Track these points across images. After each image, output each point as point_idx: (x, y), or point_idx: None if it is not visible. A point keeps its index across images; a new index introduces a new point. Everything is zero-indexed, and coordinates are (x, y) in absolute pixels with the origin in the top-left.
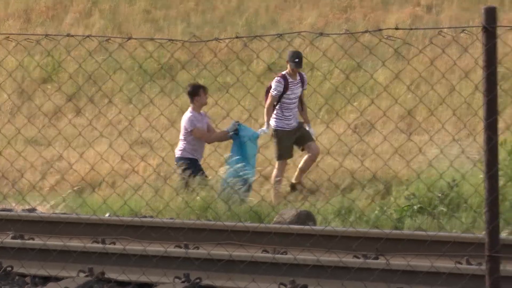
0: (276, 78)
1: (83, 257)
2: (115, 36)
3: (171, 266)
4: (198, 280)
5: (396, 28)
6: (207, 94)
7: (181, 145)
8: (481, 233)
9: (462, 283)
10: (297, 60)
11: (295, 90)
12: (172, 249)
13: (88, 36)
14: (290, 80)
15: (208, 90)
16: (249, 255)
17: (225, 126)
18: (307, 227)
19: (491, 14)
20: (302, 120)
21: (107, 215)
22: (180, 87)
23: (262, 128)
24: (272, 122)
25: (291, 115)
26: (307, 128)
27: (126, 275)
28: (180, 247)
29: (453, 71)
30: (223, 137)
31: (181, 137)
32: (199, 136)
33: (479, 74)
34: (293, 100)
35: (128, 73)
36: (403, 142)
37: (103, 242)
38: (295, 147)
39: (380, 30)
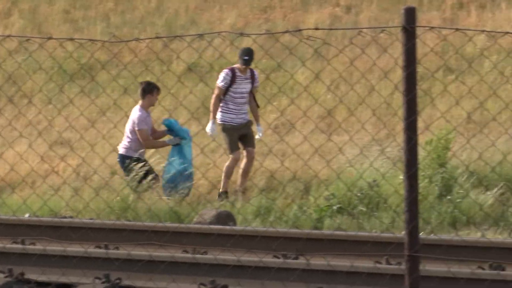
0: (224, 69)
1: (3, 257)
2: (35, 36)
3: (91, 266)
4: (118, 281)
5: (316, 29)
6: (158, 96)
7: (126, 142)
8: (400, 233)
9: (381, 282)
10: (246, 57)
11: (243, 85)
12: (92, 250)
13: (8, 36)
14: (238, 74)
15: (160, 92)
16: (169, 255)
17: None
18: (227, 227)
19: (410, 15)
20: (251, 119)
21: (26, 215)
22: (100, 87)
23: (208, 128)
24: (218, 115)
25: (236, 110)
26: (256, 126)
27: (46, 275)
28: (100, 247)
29: (372, 71)
30: (161, 146)
31: (128, 133)
32: (142, 138)
33: (398, 74)
34: (240, 95)
35: (48, 73)
36: (323, 142)
37: (23, 242)
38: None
39: (300, 30)
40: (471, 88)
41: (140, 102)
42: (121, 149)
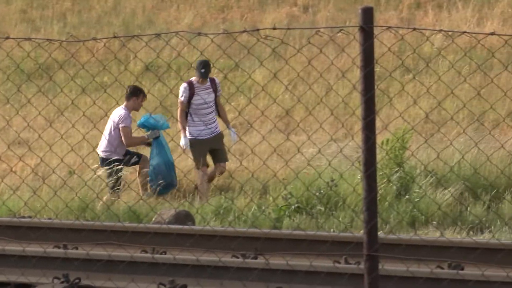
0: (182, 84)
1: None
2: None
3: (50, 266)
4: (77, 281)
5: (274, 28)
6: (143, 102)
7: (106, 145)
8: (359, 232)
9: (341, 282)
10: (202, 70)
11: (204, 96)
12: (51, 250)
13: None
14: (196, 85)
15: (146, 99)
16: (128, 255)
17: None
18: (186, 227)
19: (368, 14)
20: (221, 130)
21: None
22: (57, 87)
23: (182, 142)
24: (187, 129)
25: (201, 122)
26: (229, 130)
27: (5, 275)
28: (59, 247)
29: (330, 71)
30: (142, 142)
31: (107, 135)
32: (124, 135)
33: (356, 74)
34: (202, 106)
35: (5, 73)
36: (282, 141)
37: None
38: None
39: (257, 30)
40: (429, 87)
41: (124, 103)
42: (101, 153)
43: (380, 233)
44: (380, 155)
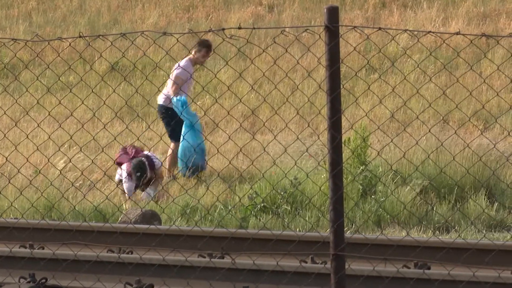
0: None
1: None
2: None
3: (16, 266)
4: (43, 280)
5: (239, 28)
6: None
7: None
8: (325, 232)
9: (307, 281)
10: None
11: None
12: (17, 249)
13: None
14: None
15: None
16: (94, 254)
17: None
18: (152, 226)
19: (333, 14)
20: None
21: None
22: (23, 87)
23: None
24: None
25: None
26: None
27: None
28: (25, 247)
29: (295, 70)
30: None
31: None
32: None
33: (321, 73)
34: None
35: None
36: (247, 141)
37: None
38: None
39: (223, 29)
40: (394, 87)
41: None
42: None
43: (347, 233)
44: (345, 154)
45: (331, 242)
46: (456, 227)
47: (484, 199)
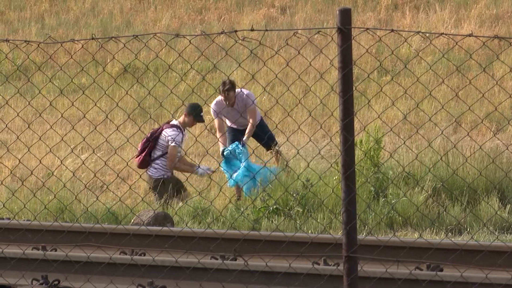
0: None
1: None
2: None
3: (29, 268)
4: (56, 282)
5: (252, 30)
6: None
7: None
8: (337, 234)
9: (320, 283)
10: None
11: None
12: (30, 251)
13: None
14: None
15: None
16: (107, 256)
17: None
18: (165, 228)
19: (346, 16)
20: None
21: None
22: (35, 89)
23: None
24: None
25: None
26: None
27: None
28: (37, 249)
29: (308, 72)
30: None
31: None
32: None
33: (334, 75)
34: None
35: None
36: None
37: None
38: None
39: (235, 31)
40: (406, 89)
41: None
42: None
43: (359, 235)
44: (358, 155)
45: (344, 244)
46: (468, 229)
47: (497, 201)
